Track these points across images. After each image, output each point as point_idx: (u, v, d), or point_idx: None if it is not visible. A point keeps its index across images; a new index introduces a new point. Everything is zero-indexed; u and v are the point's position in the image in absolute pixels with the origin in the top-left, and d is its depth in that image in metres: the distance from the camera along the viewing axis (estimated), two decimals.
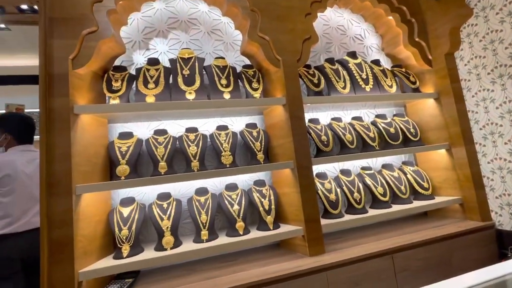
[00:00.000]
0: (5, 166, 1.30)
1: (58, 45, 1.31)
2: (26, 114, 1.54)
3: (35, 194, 1.28)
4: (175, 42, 1.77)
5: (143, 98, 1.45)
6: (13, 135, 1.38)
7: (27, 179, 1.32)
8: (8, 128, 1.38)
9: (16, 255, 1.25)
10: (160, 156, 1.44)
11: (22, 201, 1.30)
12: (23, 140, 1.37)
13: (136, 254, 1.30)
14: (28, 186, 1.32)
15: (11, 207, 1.27)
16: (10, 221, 1.26)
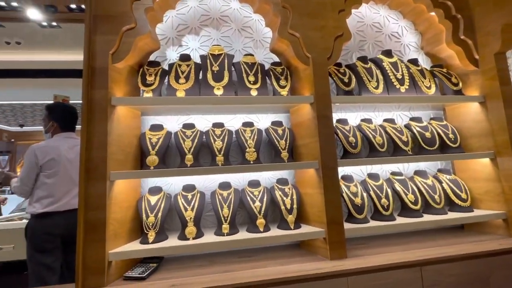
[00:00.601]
0: (51, 151, 1.44)
1: (100, 41, 1.41)
2: (71, 105, 1.68)
3: (74, 177, 1.40)
4: (207, 39, 1.82)
5: (174, 93, 1.51)
6: (59, 123, 1.51)
7: (69, 163, 1.45)
8: (55, 116, 1.52)
9: (56, 231, 1.38)
10: (187, 149, 1.49)
11: (64, 183, 1.43)
12: (67, 128, 1.50)
13: (161, 241, 1.36)
14: (69, 170, 1.45)
15: (54, 188, 1.41)
16: (53, 200, 1.39)
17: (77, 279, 1.19)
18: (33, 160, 1.41)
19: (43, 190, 1.40)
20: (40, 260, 1.34)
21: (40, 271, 1.34)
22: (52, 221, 1.38)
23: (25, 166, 1.42)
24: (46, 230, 1.38)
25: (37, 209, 1.38)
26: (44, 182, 1.41)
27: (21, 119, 3.41)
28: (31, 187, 1.42)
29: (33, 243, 1.38)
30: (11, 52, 2.30)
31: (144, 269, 1.31)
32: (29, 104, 3.09)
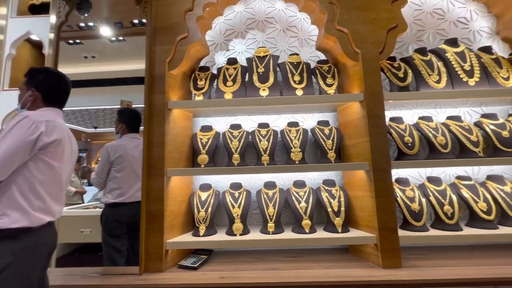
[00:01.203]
0: (119, 149, 1.66)
1: (159, 51, 1.56)
2: (136, 109, 1.89)
3: (138, 173, 1.58)
4: (252, 41, 1.86)
5: (222, 95, 1.59)
6: (126, 125, 1.72)
7: (134, 160, 1.65)
8: (123, 119, 1.74)
9: (123, 220, 1.58)
10: (234, 148, 1.55)
11: (129, 177, 1.63)
12: (132, 129, 1.71)
13: (211, 235, 1.45)
14: (133, 166, 1.65)
15: (122, 182, 1.62)
16: (121, 192, 1.60)
17: (141, 263, 1.34)
18: (106, 156, 1.65)
19: (113, 182, 1.63)
20: (111, 243, 1.55)
21: (111, 253, 1.55)
22: (120, 210, 1.59)
23: (100, 161, 1.67)
24: (115, 218, 1.60)
25: (109, 199, 1.61)
26: (115, 176, 1.63)
27: (95, 121, 3.97)
28: (105, 180, 1.65)
29: (106, 229, 1.61)
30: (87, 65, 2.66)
31: (196, 260, 1.41)
32: (101, 109, 3.57)
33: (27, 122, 1.04)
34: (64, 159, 1.16)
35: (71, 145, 1.23)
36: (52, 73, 1.23)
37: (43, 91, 1.17)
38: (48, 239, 1.11)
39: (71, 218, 1.95)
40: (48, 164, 1.09)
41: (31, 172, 1.06)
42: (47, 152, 1.08)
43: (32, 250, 1.03)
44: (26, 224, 1.02)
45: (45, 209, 1.08)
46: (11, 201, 1.02)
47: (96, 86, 3.28)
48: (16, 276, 0.98)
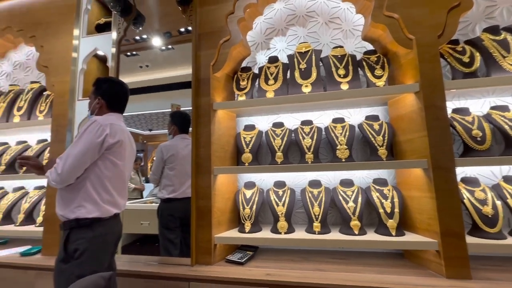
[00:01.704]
0: (171, 148, 1.80)
1: (204, 55, 1.64)
2: (186, 112, 2.03)
3: (187, 171, 1.69)
4: (293, 38, 1.83)
5: (264, 94, 1.60)
6: (177, 126, 1.86)
7: (183, 159, 1.77)
8: (175, 121, 1.88)
9: (176, 214, 1.71)
10: (277, 146, 1.55)
11: (181, 175, 1.76)
12: (183, 130, 1.84)
13: (256, 232, 1.47)
14: (183, 165, 1.77)
15: (174, 179, 1.75)
16: (174, 188, 1.74)
17: (192, 255, 1.43)
18: (160, 156, 1.80)
19: (167, 180, 1.77)
20: (166, 235, 1.69)
21: (166, 244, 1.69)
22: (173, 205, 1.72)
23: (155, 160, 1.84)
24: (169, 212, 1.74)
25: (164, 195, 1.76)
26: (167, 174, 1.77)
27: (150, 124, 4.38)
28: (159, 177, 1.81)
29: (161, 222, 1.76)
30: (142, 74, 2.91)
31: (242, 255, 1.45)
32: (155, 113, 3.90)
33: (95, 126, 1.20)
34: (125, 157, 1.31)
35: (131, 145, 1.38)
36: (114, 83, 1.40)
37: (107, 99, 1.34)
38: (115, 229, 1.27)
39: (132, 211, 2.18)
40: (113, 162, 1.24)
41: (100, 170, 1.21)
42: (112, 151, 1.23)
43: (103, 238, 1.19)
44: (98, 215, 1.18)
45: (112, 202, 1.24)
46: (86, 195, 1.18)
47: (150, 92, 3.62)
48: (91, 260, 1.13)
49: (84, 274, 1.03)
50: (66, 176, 1.16)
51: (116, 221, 1.28)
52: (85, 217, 1.15)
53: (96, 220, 1.17)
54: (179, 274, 1.33)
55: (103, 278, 0.41)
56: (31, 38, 2.04)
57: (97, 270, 1.11)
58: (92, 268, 1.11)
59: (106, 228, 1.20)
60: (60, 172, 1.15)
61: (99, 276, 0.41)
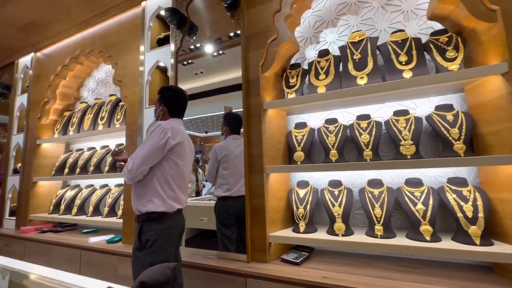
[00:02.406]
0: (224, 149, 1.88)
1: (252, 56, 1.67)
2: (238, 113, 2.10)
3: (241, 170, 1.75)
4: (345, 28, 1.72)
5: (314, 90, 1.54)
6: (230, 127, 1.93)
7: (236, 159, 1.83)
8: (227, 122, 1.97)
9: (232, 212, 1.79)
10: (331, 144, 1.48)
11: (234, 174, 1.83)
12: (234, 132, 1.90)
13: (310, 232, 1.43)
14: (236, 164, 1.84)
15: (228, 178, 1.83)
16: (228, 187, 1.82)
17: (248, 252, 1.48)
18: (214, 156, 1.90)
19: (221, 179, 1.86)
20: (223, 231, 1.78)
21: (224, 240, 1.78)
22: (229, 203, 1.80)
23: (210, 160, 1.95)
24: (225, 210, 1.82)
25: (219, 193, 1.85)
26: (222, 173, 1.86)
27: (206, 127, 4.68)
28: (215, 176, 1.91)
29: (218, 219, 1.86)
30: (198, 80, 3.12)
31: (297, 256, 1.43)
32: (210, 116, 4.14)
33: (159, 129, 1.34)
34: (185, 157, 1.43)
35: (190, 146, 1.50)
36: (175, 91, 1.53)
37: (169, 106, 1.48)
38: (179, 223, 1.40)
39: (192, 207, 2.37)
40: (175, 162, 1.37)
41: (165, 168, 1.35)
42: (174, 152, 1.36)
43: (169, 230, 1.32)
44: (164, 209, 1.32)
45: (175, 198, 1.36)
46: (154, 191, 1.33)
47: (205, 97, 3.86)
48: (160, 250, 1.28)
49: (155, 262, 1.14)
50: (135, 173, 1.32)
51: (179, 216, 1.41)
52: (154, 211, 1.30)
53: (163, 215, 1.31)
54: (236, 270, 1.39)
55: (168, 268, 0.45)
56: (108, 57, 2.39)
57: (166, 259, 1.24)
58: (161, 257, 1.25)
59: (171, 222, 1.34)
60: (130, 169, 1.32)
61: (165, 266, 0.45)
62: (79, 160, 2.62)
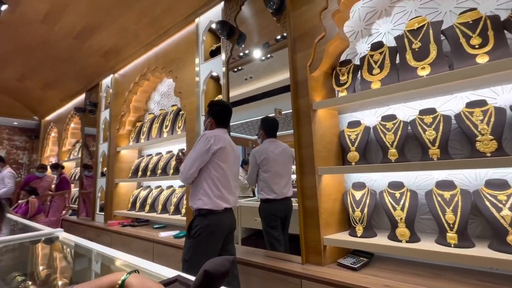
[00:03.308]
0: (262, 152, 1.91)
1: (300, 57, 1.67)
2: (273, 117, 2.11)
3: (280, 172, 1.77)
4: (401, 15, 1.58)
5: (368, 85, 1.46)
6: (265, 131, 1.97)
7: (274, 162, 1.85)
8: (263, 126, 2.01)
9: (277, 214, 1.80)
10: (389, 142, 1.37)
11: (275, 177, 1.84)
12: (269, 135, 1.93)
13: (369, 237, 1.35)
14: (275, 167, 1.85)
15: (269, 181, 1.86)
16: (270, 190, 1.84)
17: (302, 254, 1.47)
18: (253, 160, 1.95)
19: (263, 182, 1.90)
20: (270, 233, 1.81)
21: (271, 241, 1.81)
22: (273, 206, 1.83)
23: (250, 164, 2.00)
24: (270, 212, 1.85)
25: (263, 196, 1.89)
26: (263, 176, 1.90)
27: (257, 130, 4.82)
28: (255, 180, 1.96)
29: (265, 220, 1.90)
30: (247, 86, 3.24)
31: (355, 261, 1.37)
32: (260, 119, 4.25)
33: (204, 138, 1.53)
34: (229, 161, 1.58)
35: (233, 151, 1.64)
36: (221, 106, 1.70)
37: (216, 118, 1.66)
38: (226, 221, 1.53)
39: (247, 208, 2.47)
40: (219, 165, 1.53)
41: (211, 171, 1.52)
42: (217, 156, 1.53)
43: (214, 227, 1.48)
44: (211, 207, 1.48)
45: (222, 197, 1.51)
46: (203, 190, 1.50)
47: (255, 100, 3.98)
48: (203, 241, 1.45)
49: (197, 250, 1.43)
50: (186, 175, 1.53)
51: (227, 215, 1.54)
52: (202, 208, 1.49)
53: (210, 212, 1.49)
54: (291, 270, 1.40)
55: (228, 260, 0.50)
56: (170, 72, 2.68)
57: (207, 250, 1.45)
58: (203, 248, 1.45)
59: (218, 219, 1.49)
60: (182, 172, 1.55)
61: (225, 258, 0.50)
62: (149, 164, 3.00)
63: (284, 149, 1.87)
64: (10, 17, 2.96)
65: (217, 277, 0.48)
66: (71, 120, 4.78)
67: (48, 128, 5.70)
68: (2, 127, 7.02)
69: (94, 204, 3.61)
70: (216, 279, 0.49)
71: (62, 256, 1.40)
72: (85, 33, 3.08)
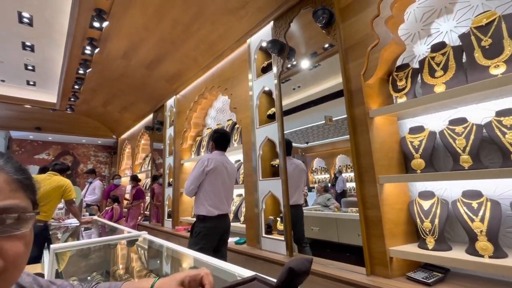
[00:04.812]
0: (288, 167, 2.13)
1: (352, 67, 1.68)
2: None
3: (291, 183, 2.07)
4: (465, 11, 1.48)
5: (430, 89, 1.39)
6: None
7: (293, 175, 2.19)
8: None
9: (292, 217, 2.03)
10: (460, 148, 1.28)
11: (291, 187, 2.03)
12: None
13: (442, 250, 1.26)
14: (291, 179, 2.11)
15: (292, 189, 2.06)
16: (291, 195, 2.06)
17: (367, 264, 1.45)
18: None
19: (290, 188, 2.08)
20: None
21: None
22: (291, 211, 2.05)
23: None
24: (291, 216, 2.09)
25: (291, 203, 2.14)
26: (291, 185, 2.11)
27: (306, 138, 4.80)
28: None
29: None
30: (296, 95, 3.32)
31: (427, 275, 1.29)
32: (310, 126, 4.28)
33: (201, 161, 2.03)
34: (220, 178, 2.06)
35: (226, 169, 2.11)
36: (219, 133, 2.21)
37: (215, 143, 2.18)
38: (219, 224, 2.01)
39: (304, 217, 2.50)
40: (212, 181, 2.03)
41: (206, 186, 2.02)
42: (210, 175, 2.02)
43: (210, 229, 1.97)
44: (206, 213, 1.98)
45: (214, 206, 2.00)
46: (200, 200, 2.02)
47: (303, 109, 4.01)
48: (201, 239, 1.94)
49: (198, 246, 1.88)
50: (187, 191, 2.06)
51: (220, 219, 2.02)
52: (200, 214, 2.00)
53: (206, 217, 1.98)
54: (357, 281, 1.39)
55: (307, 261, 0.57)
56: (225, 90, 2.93)
57: (204, 246, 1.89)
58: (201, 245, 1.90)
59: (212, 222, 1.98)
60: (185, 188, 2.08)
61: (305, 259, 0.57)
62: None
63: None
64: (99, 57, 3.64)
65: (300, 274, 0.56)
66: (141, 137, 5.51)
67: (123, 144, 6.66)
68: (90, 146, 8.45)
69: (162, 211, 4.07)
70: (299, 275, 0.57)
71: (149, 253, 1.66)
72: (154, 63, 3.59)
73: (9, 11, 3.03)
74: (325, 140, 4.31)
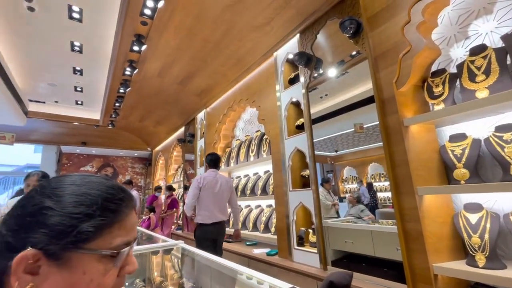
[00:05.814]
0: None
1: (383, 75, 1.65)
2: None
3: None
4: (506, 10, 1.39)
5: (471, 95, 1.32)
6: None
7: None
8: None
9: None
10: (510, 157, 1.19)
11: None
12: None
13: (495, 269, 1.16)
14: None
15: None
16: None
17: (408, 282, 1.37)
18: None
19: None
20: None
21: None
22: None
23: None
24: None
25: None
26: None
27: (335, 146, 4.70)
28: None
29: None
30: (322, 104, 3.31)
31: None
32: (339, 134, 4.18)
33: (196, 180, 2.63)
34: (210, 192, 2.58)
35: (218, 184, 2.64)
36: (211, 156, 2.79)
37: (208, 164, 2.76)
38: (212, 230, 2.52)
39: (335, 229, 2.43)
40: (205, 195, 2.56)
41: (200, 199, 2.57)
42: (203, 190, 2.57)
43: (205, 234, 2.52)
44: (200, 221, 2.53)
45: (207, 215, 2.53)
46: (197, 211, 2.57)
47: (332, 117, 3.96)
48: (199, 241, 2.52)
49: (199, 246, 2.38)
50: (188, 205, 2.61)
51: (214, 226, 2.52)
52: (197, 222, 2.55)
53: (202, 224, 2.52)
54: None
55: (348, 275, 0.58)
56: (253, 102, 3.01)
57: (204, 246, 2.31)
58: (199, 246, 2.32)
59: (206, 228, 2.52)
60: (185, 203, 2.63)
61: (345, 273, 0.58)
62: (238, 185, 3.34)
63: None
64: (137, 76, 3.97)
65: (340, 287, 0.57)
66: (174, 149, 5.81)
67: (157, 156, 7.06)
68: (128, 158, 9.07)
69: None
70: None
71: (186, 262, 1.74)
72: (186, 79, 3.81)
73: (64, 41, 3.45)
74: (355, 148, 4.20)
